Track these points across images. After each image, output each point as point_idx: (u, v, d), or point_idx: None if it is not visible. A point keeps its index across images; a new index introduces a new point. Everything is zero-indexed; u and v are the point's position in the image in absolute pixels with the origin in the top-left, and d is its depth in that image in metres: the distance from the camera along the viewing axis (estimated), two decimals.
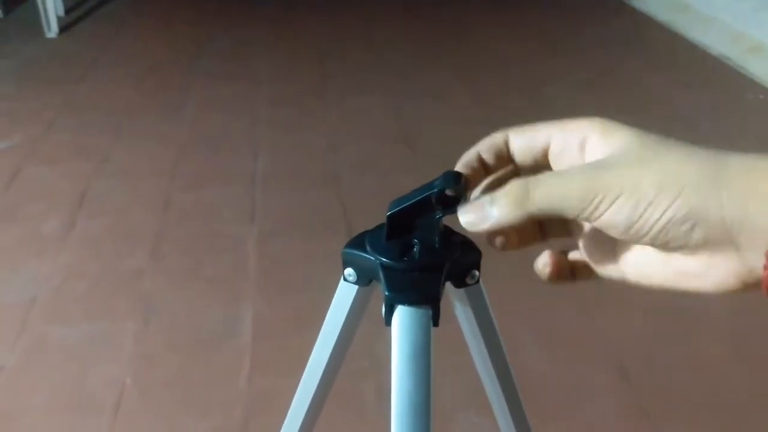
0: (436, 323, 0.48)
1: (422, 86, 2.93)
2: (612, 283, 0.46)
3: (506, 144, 0.46)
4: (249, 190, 2.16)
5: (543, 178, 0.40)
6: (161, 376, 1.50)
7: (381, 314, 0.49)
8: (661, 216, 0.36)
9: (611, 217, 0.37)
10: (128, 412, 1.41)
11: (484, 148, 0.46)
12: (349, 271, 0.52)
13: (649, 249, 0.39)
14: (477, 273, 0.53)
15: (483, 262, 0.53)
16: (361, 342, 0.59)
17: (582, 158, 0.42)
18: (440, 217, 0.48)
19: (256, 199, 2.12)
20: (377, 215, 0.52)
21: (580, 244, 0.48)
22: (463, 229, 0.52)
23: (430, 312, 0.48)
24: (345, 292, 0.53)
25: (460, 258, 0.50)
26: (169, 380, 1.49)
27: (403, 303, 0.48)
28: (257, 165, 2.31)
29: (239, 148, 2.42)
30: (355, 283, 0.52)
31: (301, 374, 0.64)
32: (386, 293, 0.48)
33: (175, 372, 1.51)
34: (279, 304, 1.69)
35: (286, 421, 0.60)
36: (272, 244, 1.92)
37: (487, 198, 0.42)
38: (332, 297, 0.56)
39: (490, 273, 0.56)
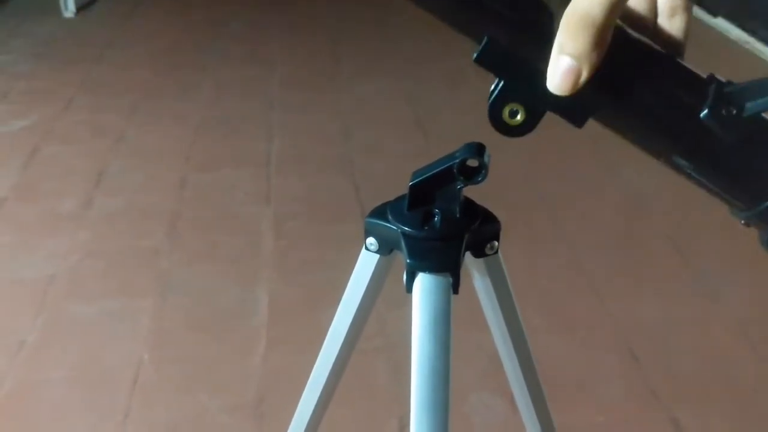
0: (456, 290, 0.49)
1: (436, 72, 2.93)
2: (623, 268, 0.47)
3: None
4: (264, 172, 2.18)
5: None
6: (178, 353, 1.52)
7: (394, 294, 0.50)
8: None
9: None
10: (145, 387, 1.43)
11: None
12: (370, 240, 0.53)
13: None
14: (496, 243, 0.54)
15: None
16: (374, 322, 0.61)
17: None
18: (461, 188, 0.49)
19: (271, 181, 2.13)
20: (390, 198, 0.53)
21: None
22: (482, 200, 0.53)
23: (451, 279, 0.49)
24: (366, 261, 0.54)
25: (480, 228, 0.51)
26: (185, 357, 1.51)
27: (424, 270, 0.49)
28: (272, 147, 2.32)
29: (254, 130, 2.43)
30: (376, 252, 0.53)
31: (316, 352, 0.65)
32: (408, 261, 0.49)
33: (192, 349, 1.53)
34: (294, 284, 1.71)
35: (306, 388, 0.62)
36: (287, 225, 1.93)
37: (554, 53, 0.36)
38: (346, 277, 0.57)
39: (502, 257, 0.57)
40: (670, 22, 0.43)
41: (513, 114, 0.42)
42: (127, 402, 1.40)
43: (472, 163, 0.47)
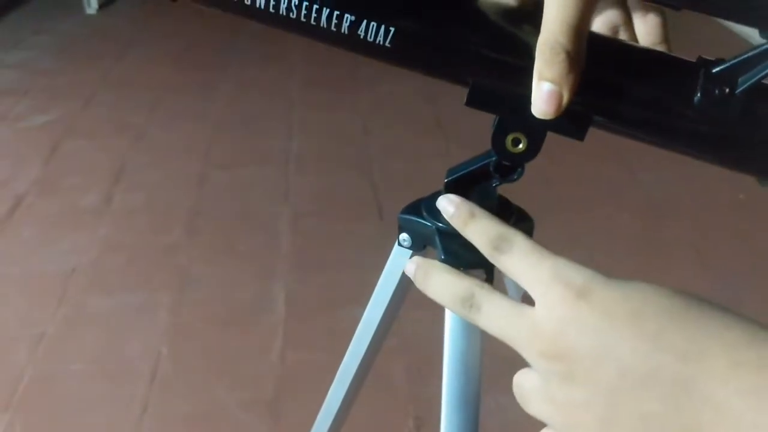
0: None
1: None
2: (642, 274, 0.46)
3: None
4: (283, 170, 2.18)
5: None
6: (196, 348, 1.53)
7: (410, 295, 0.50)
8: None
9: None
10: (163, 380, 1.44)
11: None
12: (404, 236, 0.53)
13: None
14: None
15: None
16: None
17: None
18: (497, 185, 0.49)
19: (290, 179, 2.14)
20: (408, 199, 0.54)
21: None
22: (517, 198, 0.53)
23: (485, 276, 0.49)
24: (399, 257, 0.54)
25: (514, 226, 0.51)
26: (203, 351, 1.52)
27: (458, 267, 0.49)
28: (291, 146, 2.33)
29: (273, 128, 2.44)
30: (409, 248, 0.53)
31: (332, 350, 0.65)
32: (442, 257, 0.49)
33: (210, 344, 1.54)
34: (311, 282, 1.72)
35: (334, 382, 0.62)
36: (305, 223, 1.94)
37: (535, 81, 0.38)
38: (362, 275, 0.57)
39: None
40: (645, 20, 0.44)
41: (516, 143, 0.44)
42: (145, 395, 1.41)
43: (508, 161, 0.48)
